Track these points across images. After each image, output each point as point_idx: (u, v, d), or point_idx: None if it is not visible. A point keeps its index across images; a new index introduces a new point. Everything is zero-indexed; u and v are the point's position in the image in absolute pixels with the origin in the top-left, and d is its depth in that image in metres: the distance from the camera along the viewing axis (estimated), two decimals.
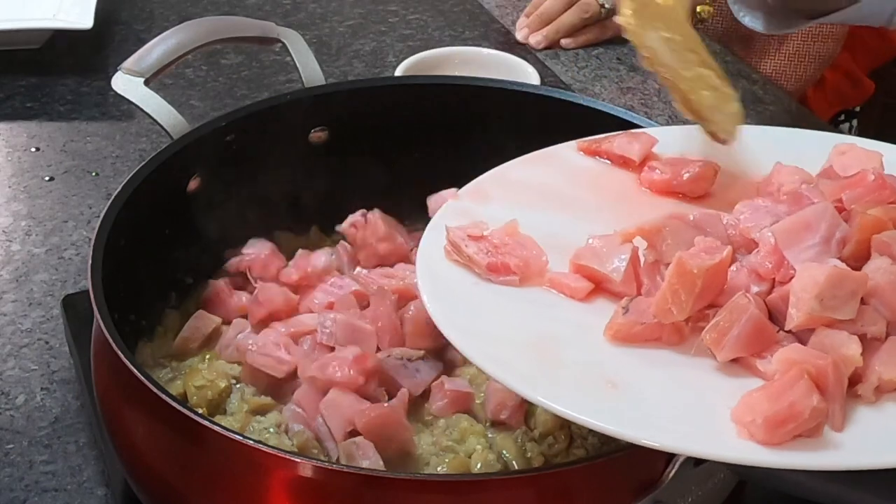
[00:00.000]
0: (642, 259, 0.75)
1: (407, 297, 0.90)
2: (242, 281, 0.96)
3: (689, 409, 0.66)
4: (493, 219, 0.79)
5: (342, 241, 1.00)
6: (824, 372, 0.64)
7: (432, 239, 0.79)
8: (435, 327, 0.72)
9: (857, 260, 0.71)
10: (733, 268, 0.72)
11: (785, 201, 0.76)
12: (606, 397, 0.67)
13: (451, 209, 0.82)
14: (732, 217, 0.77)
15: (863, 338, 0.67)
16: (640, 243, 0.75)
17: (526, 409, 0.83)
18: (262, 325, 0.90)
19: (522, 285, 0.75)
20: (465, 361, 0.84)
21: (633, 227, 0.75)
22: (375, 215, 0.98)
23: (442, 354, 0.87)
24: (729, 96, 0.85)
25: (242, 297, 0.94)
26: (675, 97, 0.84)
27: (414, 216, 1.01)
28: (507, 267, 0.75)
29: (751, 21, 1.12)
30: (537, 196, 0.84)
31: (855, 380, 0.67)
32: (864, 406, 0.66)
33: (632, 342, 0.71)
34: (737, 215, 0.76)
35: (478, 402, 0.85)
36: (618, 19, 0.84)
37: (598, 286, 0.75)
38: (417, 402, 0.84)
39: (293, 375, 0.86)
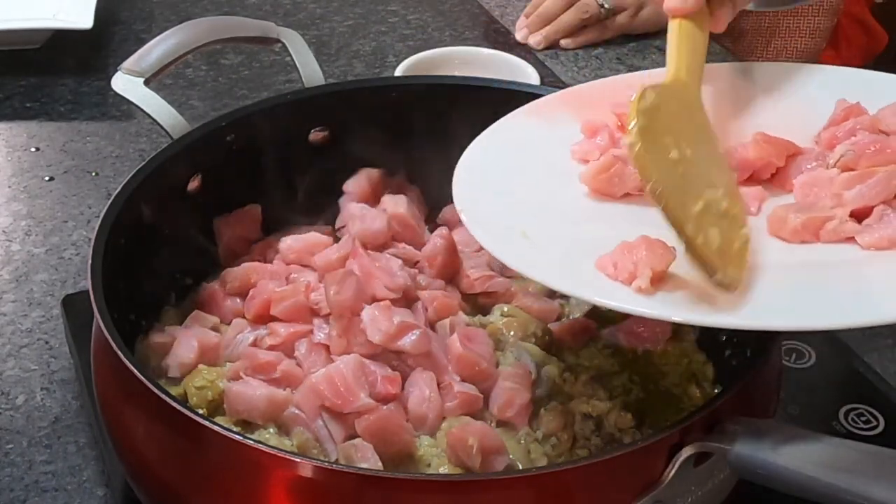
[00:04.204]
0: None
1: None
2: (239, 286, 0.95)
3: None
4: None
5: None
6: None
7: None
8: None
9: None
10: None
11: None
12: None
13: None
14: None
15: None
16: None
17: (532, 408, 0.83)
18: (259, 320, 0.90)
19: None
20: None
21: None
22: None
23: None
24: (737, 219, 0.73)
25: (237, 301, 0.93)
26: (679, 240, 0.69)
27: None
28: None
29: None
30: None
31: None
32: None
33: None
34: None
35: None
36: (624, 141, 0.73)
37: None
38: None
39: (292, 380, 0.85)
